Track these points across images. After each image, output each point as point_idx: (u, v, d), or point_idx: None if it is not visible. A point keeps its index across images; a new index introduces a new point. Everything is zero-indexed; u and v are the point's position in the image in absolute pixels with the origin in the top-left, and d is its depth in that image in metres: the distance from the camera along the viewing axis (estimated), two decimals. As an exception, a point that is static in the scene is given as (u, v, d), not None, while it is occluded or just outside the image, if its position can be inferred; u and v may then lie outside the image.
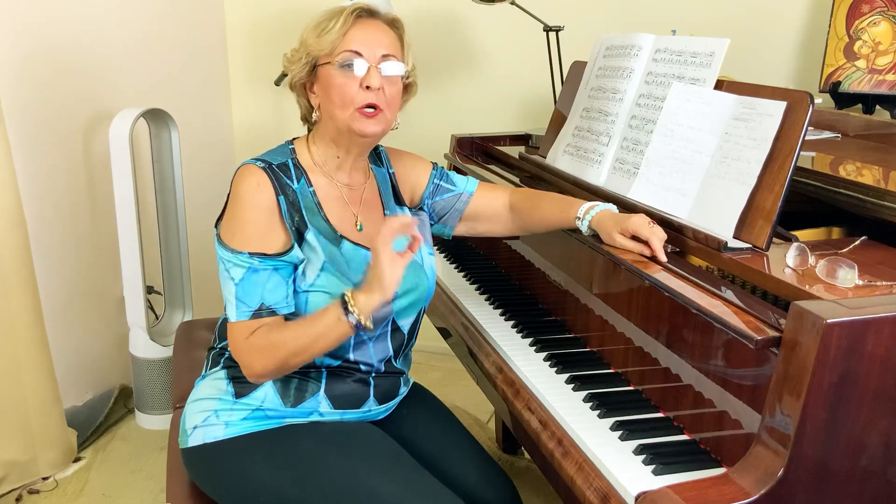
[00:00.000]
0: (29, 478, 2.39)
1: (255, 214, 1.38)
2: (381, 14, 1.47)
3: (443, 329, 1.92)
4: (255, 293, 1.37)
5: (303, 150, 1.49)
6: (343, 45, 1.41)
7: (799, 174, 1.44)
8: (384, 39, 1.44)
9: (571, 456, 1.23)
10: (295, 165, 1.45)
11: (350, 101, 1.40)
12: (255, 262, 1.37)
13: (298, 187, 1.43)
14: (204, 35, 3.17)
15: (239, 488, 1.40)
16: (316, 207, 1.44)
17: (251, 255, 1.37)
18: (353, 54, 1.40)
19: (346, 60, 1.40)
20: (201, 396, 1.49)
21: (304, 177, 1.45)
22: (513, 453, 2.58)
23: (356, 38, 1.42)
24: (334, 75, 1.41)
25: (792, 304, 1.02)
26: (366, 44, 1.41)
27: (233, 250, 1.38)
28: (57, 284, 2.58)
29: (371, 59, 1.41)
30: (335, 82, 1.41)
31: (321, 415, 1.46)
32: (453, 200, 1.65)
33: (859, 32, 2.15)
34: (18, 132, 2.38)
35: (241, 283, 1.37)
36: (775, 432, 1.01)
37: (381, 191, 1.58)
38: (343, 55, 1.41)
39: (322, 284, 1.40)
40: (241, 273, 1.37)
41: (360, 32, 1.42)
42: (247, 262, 1.37)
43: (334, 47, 1.41)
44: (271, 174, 1.40)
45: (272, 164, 1.42)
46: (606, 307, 1.46)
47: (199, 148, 3.13)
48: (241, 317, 1.38)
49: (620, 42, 1.72)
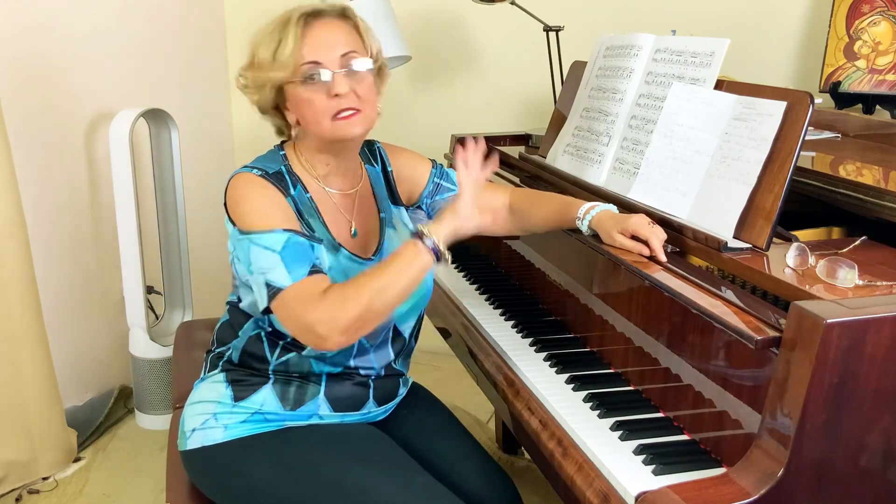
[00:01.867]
0: (29, 478, 2.39)
1: (272, 202, 1.34)
2: (327, 10, 1.39)
3: (443, 329, 1.92)
4: (304, 256, 1.31)
5: (293, 158, 1.46)
6: (300, 59, 1.35)
7: (799, 174, 1.44)
8: (339, 37, 1.38)
9: (571, 456, 1.23)
10: (289, 173, 1.42)
11: (324, 113, 1.36)
12: (291, 234, 1.32)
13: (296, 194, 1.41)
14: (204, 35, 3.17)
15: (238, 489, 1.40)
16: (316, 213, 1.43)
17: (285, 231, 1.32)
18: (313, 65, 1.35)
19: (308, 73, 1.34)
20: (200, 399, 1.48)
21: (299, 184, 1.43)
22: (513, 453, 2.58)
23: (310, 46, 1.35)
24: (300, 92, 1.36)
25: (792, 304, 1.02)
26: (322, 49, 1.35)
27: (263, 230, 1.31)
28: (57, 284, 2.58)
29: (332, 64, 1.35)
30: (304, 98, 1.36)
31: (321, 418, 1.46)
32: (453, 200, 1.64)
33: (859, 32, 2.15)
34: (18, 132, 2.38)
35: (286, 250, 1.29)
36: (775, 432, 1.01)
37: (375, 190, 1.56)
38: (303, 69, 1.35)
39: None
40: (283, 242, 1.30)
41: (313, 39, 1.36)
42: (285, 235, 1.31)
43: (292, 65, 1.35)
44: (271, 179, 1.38)
45: (268, 172, 1.39)
46: (606, 307, 1.46)
47: (199, 148, 3.13)
48: (297, 277, 1.28)
49: (620, 42, 1.72)
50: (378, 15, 2.58)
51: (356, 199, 1.51)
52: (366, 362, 1.47)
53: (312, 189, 1.45)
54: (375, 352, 1.48)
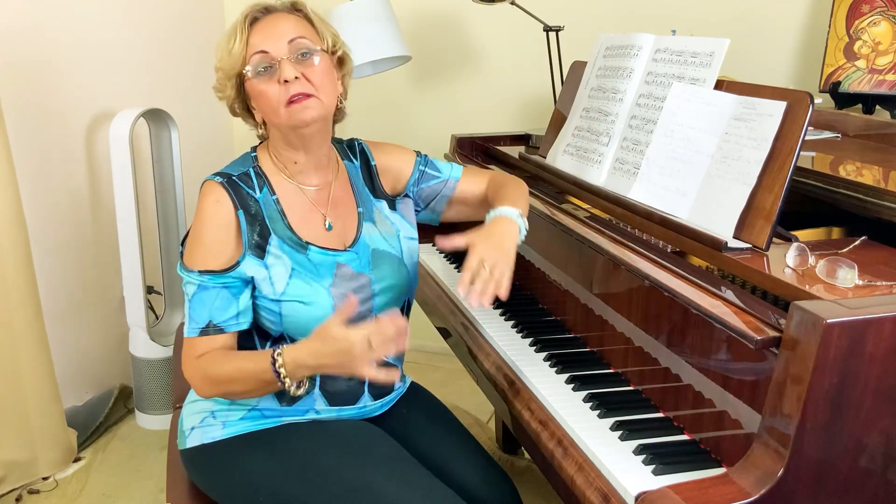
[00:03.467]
0: (29, 478, 2.39)
1: (212, 231, 1.39)
2: (276, 6, 1.44)
3: (443, 329, 1.92)
4: (203, 310, 1.38)
5: (265, 157, 1.48)
6: (249, 51, 1.39)
7: (799, 174, 1.44)
8: (285, 27, 1.40)
9: (571, 456, 1.23)
10: (257, 174, 1.45)
11: (278, 102, 1.38)
12: (204, 279, 1.37)
13: (261, 196, 1.43)
14: (204, 35, 3.17)
15: (238, 488, 1.40)
16: (279, 216, 1.43)
17: (201, 273, 1.38)
18: (260, 55, 1.38)
19: (258, 65, 1.38)
20: (198, 398, 1.49)
21: (266, 185, 1.44)
22: (513, 453, 2.58)
23: (258, 38, 1.39)
24: (255, 84, 1.39)
25: (792, 304, 1.02)
26: (268, 39, 1.38)
27: (187, 269, 1.39)
28: (57, 284, 2.58)
29: (278, 52, 1.37)
30: (258, 90, 1.39)
31: (317, 412, 1.46)
32: (440, 187, 1.64)
33: (859, 32, 2.15)
34: (18, 132, 2.38)
35: (192, 301, 1.39)
36: (775, 432, 1.01)
37: (354, 184, 1.56)
38: (252, 60, 1.38)
39: (293, 293, 1.40)
40: (193, 290, 1.39)
41: (261, 31, 1.40)
42: (197, 280, 1.38)
43: (244, 57, 1.39)
44: (230, 189, 1.40)
45: (232, 177, 1.42)
46: (606, 307, 1.46)
47: (199, 148, 3.13)
48: (190, 334, 1.39)
49: (620, 42, 1.72)
50: (378, 15, 2.58)
51: (331, 194, 1.51)
52: None
53: (282, 188, 1.46)
54: None
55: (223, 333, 1.39)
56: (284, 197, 1.45)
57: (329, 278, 1.42)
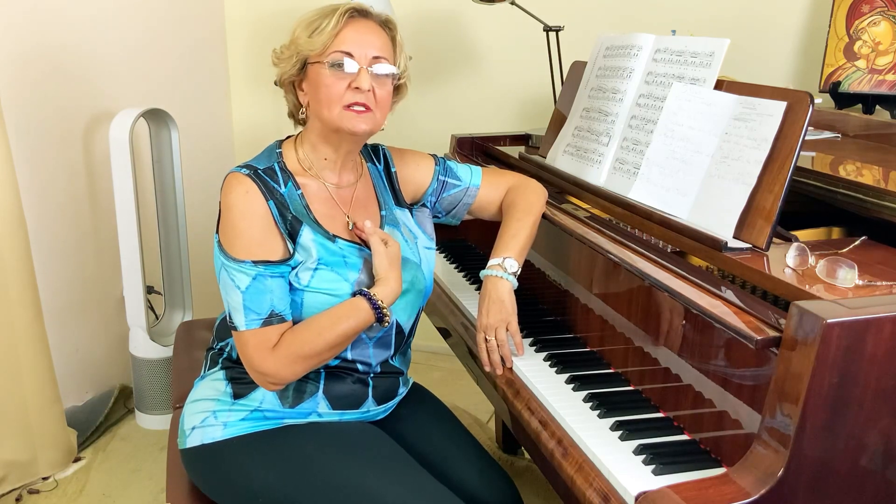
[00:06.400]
0: (29, 478, 2.39)
1: (250, 222, 1.38)
2: (373, 15, 1.46)
3: (443, 329, 1.92)
4: (264, 300, 1.37)
5: (290, 153, 1.49)
6: (334, 46, 1.40)
7: (799, 174, 1.44)
8: (376, 41, 1.43)
9: (571, 456, 1.23)
10: (282, 169, 1.45)
11: (338, 100, 1.40)
12: (260, 269, 1.37)
13: (286, 191, 1.43)
14: (204, 35, 3.17)
15: (238, 489, 1.40)
16: (305, 210, 1.44)
17: (255, 264, 1.36)
18: (344, 55, 1.40)
19: (337, 60, 1.40)
20: (200, 397, 1.49)
21: (291, 180, 1.45)
22: (513, 453, 2.58)
23: (348, 38, 1.41)
24: (324, 74, 1.40)
25: (792, 304, 1.02)
26: (357, 45, 1.41)
27: (236, 259, 1.37)
28: (57, 284, 2.58)
29: (362, 60, 1.40)
30: (324, 81, 1.40)
31: (319, 415, 1.46)
32: (460, 195, 1.65)
33: (859, 32, 2.15)
34: (18, 132, 2.38)
35: (249, 292, 1.36)
36: (775, 432, 1.01)
37: (377, 189, 1.57)
38: (334, 55, 1.40)
39: (317, 285, 1.40)
40: (248, 281, 1.36)
41: (352, 33, 1.41)
42: (252, 270, 1.36)
43: (325, 47, 1.40)
44: (258, 180, 1.40)
45: (258, 170, 1.42)
46: (606, 307, 1.46)
47: (199, 148, 3.13)
48: (251, 325, 1.37)
49: (620, 42, 1.72)
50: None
51: (354, 194, 1.52)
52: (363, 356, 1.47)
53: (306, 184, 1.46)
54: (374, 346, 1.48)
55: (284, 322, 1.38)
56: (309, 193, 1.46)
57: (356, 272, 1.43)
